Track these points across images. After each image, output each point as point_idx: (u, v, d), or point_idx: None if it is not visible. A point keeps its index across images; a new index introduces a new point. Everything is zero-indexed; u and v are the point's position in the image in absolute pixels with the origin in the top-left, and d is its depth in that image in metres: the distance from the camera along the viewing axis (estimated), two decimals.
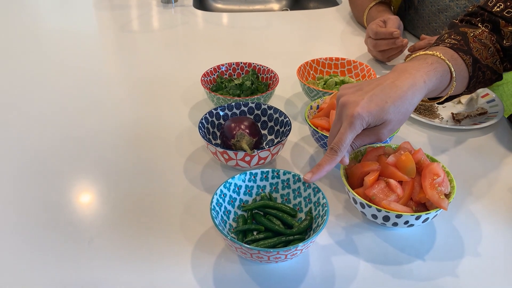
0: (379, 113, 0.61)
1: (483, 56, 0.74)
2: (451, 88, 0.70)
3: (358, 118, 0.60)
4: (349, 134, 0.61)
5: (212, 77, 0.93)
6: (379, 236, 0.65)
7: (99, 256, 0.62)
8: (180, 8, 1.48)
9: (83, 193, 0.73)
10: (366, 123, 0.61)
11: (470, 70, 0.72)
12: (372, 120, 0.61)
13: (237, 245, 0.55)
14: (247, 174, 0.66)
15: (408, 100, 0.62)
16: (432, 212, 0.59)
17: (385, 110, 0.61)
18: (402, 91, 0.62)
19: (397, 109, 0.61)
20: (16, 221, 0.67)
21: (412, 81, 0.63)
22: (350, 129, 0.61)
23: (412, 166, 0.62)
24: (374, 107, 0.60)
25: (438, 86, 0.68)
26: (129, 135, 0.86)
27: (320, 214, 0.62)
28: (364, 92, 0.62)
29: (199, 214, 0.68)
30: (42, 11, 1.50)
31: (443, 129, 0.87)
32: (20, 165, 0.78)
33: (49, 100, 0.97)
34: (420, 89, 0.63)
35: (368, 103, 0.61)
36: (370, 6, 1.23)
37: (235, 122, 0.75)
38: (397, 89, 0.62)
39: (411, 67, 0.66)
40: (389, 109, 0.61)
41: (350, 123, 0.61)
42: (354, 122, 0.60)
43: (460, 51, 0.72)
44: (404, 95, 0.62)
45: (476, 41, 0.74)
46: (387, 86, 0.62)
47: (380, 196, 0.61)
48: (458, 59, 0.71)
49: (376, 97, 0.61)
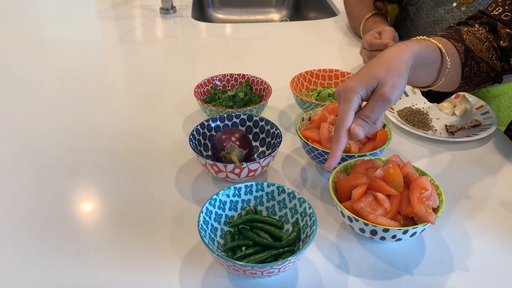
0: (368, 77, 0.62)
1: (477, 48, 0.74)
2: (447, 66, 0.70)
3: (349, 90, 0.61)
4: (344, 107, 0.61)
5: (206, 88, 0.94)
6: (368, 250, 0.65)
7: (87, 269, 0.62)
8: (179, 19, 1.49)
9: (72, 204, 0.73)
10: (360, 90, 0.61)
11: (462, 57, 0.73)
12: (364, 85, 0.61)
13: (230, 263, 0.54)
14: (231, 189, 0.66)
15: (394, 59, 0.63)
16: (420, 226, 0.59)
17: (374, 71, 0.62)
18: (387, 54, 0.64)
19: (385, 68, 0.62)
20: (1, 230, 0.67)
21: (394, 47, 0.65)
22: (344, 102, 0.61)
23: (400, 180, 0.62)
24: (362, 75, 0.62)
25: (428, 55, 0.68)
26: (123, 145, 0.86)
27: (308, 224, 0.61)
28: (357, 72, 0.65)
29: (189, 227, 0.68)
30: (45, 20, 1.52)
31: (436, 141, 0.87)
32: (12, 171, 0.78)
33: (45, 108, 0.98)
34: (403, 49, 0.64)
35: (357, 74, 0.63)
36: (367, 17, 1.23)
37: (226, 134, 0.75)
38: (381, 57, 0.64)
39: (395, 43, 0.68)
40: (377, 69, 0.62)
41: (344, 98, 0.61)
42: (347, 96, 0.61)
43: (451, 39, 0.73)
44: (389, 56, 0.63)
45: (470, 35, 0.75)
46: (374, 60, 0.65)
47: (367, 210, 0.61)
48: (447, 43, 0.72)
49: (365, 69, 0.63)
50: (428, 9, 1.13)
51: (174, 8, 1.51)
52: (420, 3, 1.16)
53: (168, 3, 1.48)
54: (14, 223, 0.69)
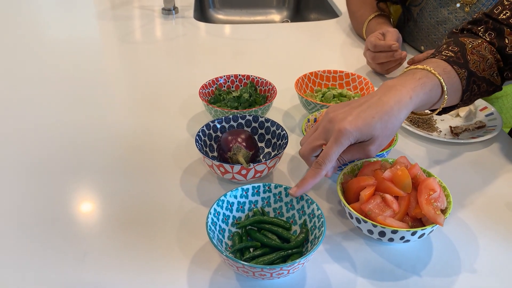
0: (366, 129, 0.62)
1: (480, 68, 0.74)
2: (443, 101, 0.71)
3: (345, 134, 0.62)
4: (335, 149, 0.62)
5: (211, 89, 0.94)
6: (375, 251, 0.65)
7: (94, 270, 0.61)
8: (181, 20, 1.49)
9: (78, 205, 0.73)
10: (354, 139, 0.63)
11: (464, 84, 0.72)
12: (359, 136, 0.63)
13: (239, 265, 0.54)
14: (238, 190, 0.66)
15: (394, 116, 0.64)
16: (428, 227, 0.59)
17: (372, 126, 0.63)
18: (389, 107, 0.64)
19: (384, 125, 0.63)
20: (6, 231, 0.67)
21: (398, 97, 0.64)
22: (337, 144, 0.62)
23: (408, 181, 0.62)
24: (361, 123, 0.62)
25: (428, 100, 0.69)
26: (126, 146, 0.86)
27: (316, 225, 0.61)
28: (351, 108, 0.64)
29: (195, 228, 0.68)
30: (44, 21, 1.52)
31: (441, 143, 0.87)
32: (17, 173, 0.78)
33: (48, 110, 0.97)
34: (406, 105, 0.65)
35: (355, 119, 0.62)
36: (370, 18, 1.23)
37: (232, 135, 0.75)
38: (384, 105, 0.64)
39: (398, 83, 0.67)
40: (376, 124, 0.63)
41: (337, 139, 0.62)
42: (341, 138, 0.62)
43: (456, 65, 0.72)
44: (390, 111, 0.63)
45: (474, 53, 0.74)
46: (374, 103, 0.64)
47: (376, 211, 0.61)
48: (451, 72, 0.71)
49: (364, 113, 0.63)
50: (431, 10, 1.14)
51: (176, 8, 1.50)
52: (423, 4, 1.16)
53: (171, 3, 1.47)
54: (19, 223, 0.68)
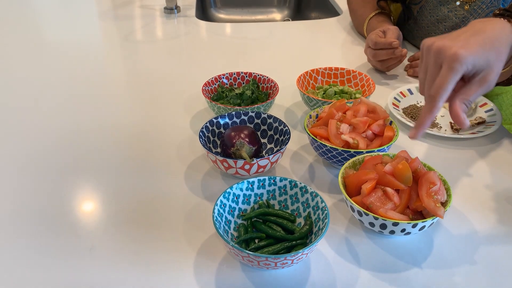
0: (482, 55, 0.56)
1: None
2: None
3: (460, 59, 0.55)
4: (451, 76, 0.55)
5: (213, 86, 0.95)
6: (377, 244, 0.66)
7: (100, 264, 0.63)
8: (183, 19, 1.50)
9: (83, 200, 0.74)
10: (471, 65, 0.56)
11: None
12: (475, 61, 0.56)
13: (244, 254, 0.56)
14: (244, 182, 0.67)
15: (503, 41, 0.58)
16: (429, 220, 0.60)
17: (488, 52, 0.57)
18: (496, 33, 0.58)
19: (497, 51, 0.57)
20: (15, 227, 0.68)
21: (501, 26, 0.59)
22: (452, 71, 0.55)
23: (409, 175, 0.63)
24: (475, 48, 0.56)
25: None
26: (131, 144, 0.87)
27: (320, 217, 0.63)
28: (455, 37, 0.58)
29: (200, 222, 0.69)
30: (47, 21, 1.53)
31: (441, 138, 0.88)
32: (21, 169, 0.79)
33: (51, 109, 0.99)
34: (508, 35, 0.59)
35: (467, 43, 0.56)
36: (370, 16, 1.24)
37: (235, 131, 0.76)
38: (489, 31, 0.58)
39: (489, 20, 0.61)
40: (490, 50, 0.57)
41: (451, 65, 0.55)
42: (456, 64, 0.55)
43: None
44: (499, 36, 0.58)
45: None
46: (478, 30, 0.58)
47: (377, 204, 0.62)
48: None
49: (473, 38, 0.57)
50: (431, 8, 1.15)
51: (178, 7, 1.52)
52: (423, 2, 1.17)
53: (173, 2, 1.49)
54: (25, 221, 0.70)
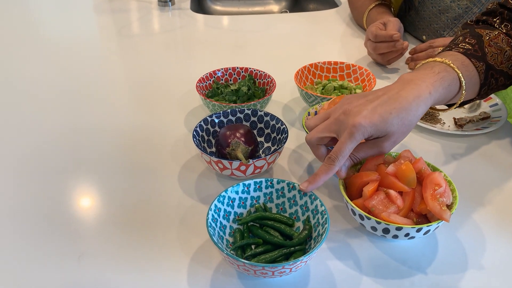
0: (382, 125, 0.59)
1: (497, 61, 0.70)
2: (461, 96, 0.68)
3: (360, 129, 0.58)
4: (349, 144, 0.59)
5: (208, 82, 0.91)
6: (379, 248, 0.63)
7: (91, 269, 0.60)
8: (177, 11, 1.46)
9: (73, 204, 0.71)
10: (368, 134, 0.59)
11: (482, 78, 0.69)
12: (374, 132, 0.59)
13: (240, 263, 0.53)
14: (240, 185, 0.64)
15: (412, 112, 0.60)
16: (434, 224, 0.57)
17: (389, 122, 0.59)
18: (407, 102, 0.60)
19: (401, 121, 0.60)
20: (10, 227, 0.65)
21: (417, 92, 0.61)
22: (350, 139, 0.59)
23: (413, 176, 0.60)
24: (377, 118, 0.59)
25: (446, 95, 0.66)
26: (123, 143, 0.84)
27: (320, 222, 0.60)
28: (367, 101, 0.61)
29: (195, 226, 0.66)
30: (42, 15, 1.49)
31: (445, 135, 0.85)
32: (14, 169, 0.76)
33: (42, 106, 0.95)
34: (425, 100, 0.62)
35: (371, 113, 0.59)
36: (370, 8, 1.21)
37: (230, 130, 0.73)
38: (402, 100, 0.60)
39: (416, 78, 0.63)
40: (393, 120, 0.59)
41: (351, 133, 0.59)
42: (355, 133, 0.58)
43: (473, 58, 0.69)
44: (409, 107, 0.60)
45: (492, 45, 0.71)
46: (392, 97, 0.60)
47: (379, 207, 0.59)
48: (469, 65, 0.68)
49: (380, 107, 0.59)
50: None
51: (173, 0, 1.48)
52: None
53: None
54: (15, 223, 0.67)
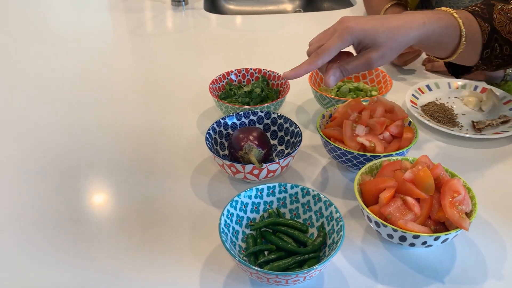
0: (372, 33, 0.62)
1: (505, 29, 0.71)
2: (461, 46, 0.68)
3: (349, 30, 0.62)
4: (337, 42, 0.62)
5: (221, 84, 0.90)
6: (395, 256, 0.62)
7: (102, 273, 0.59)
8: (191, 11, 1.46)
9: (85, 206, 0.70)
10: (357, 38, 0.62)
11: (485, 38, 0.70)
12: (362, 37, 0.62)
13: (253, 270, 0.52)
14: (253, 190, 0.63)
15: (403, 32, 0.63)
16: (452, 232, 0.56)
17: (379, 32, 0.62)
18: (400, 22, 0.64)
19: (390, 36, 0.63)
20: (17, 227, 0.65)
21: (412, 18, 0.65)
22: (339, 38, 0.62)
23: (431, 183, 0.58)
24: (368, 26, 0.62)
25: (443, 37, 0.67)
26: (135, 143, 0.84)
27: (335, 229, 0.58)
28: (364, 17, 0.65)
29: (207, 230, 0.65)
30: (54, 13, 1.49)
31: (463, 139, 0.83)
32: (25, 173, 0.76)
33: (54, 105, 0.95)
34: (417, 27, 0.64)
35: (365, 22, 0.63)
36: (386, 7, 1.18)
37: (243, 133, 0.72)
38: (396, 20, 0.64)
39: (417, 12, 0.67)
40: (383, 33, 0.63)
41: (340, 34, 0.62)
42: (344, 33, 0.62)
43: (479, 17, 0.70)
44: (401, 26, 0.63)
45: (502, 14, 0.71)
46: (388, 17, 0.65)
47: (396, 215, 0.57)
48: (473, 21, 0.69)
49: (374, 21, 0.64)
50: None
51: (186, 0, 1.47)
52: None
53: None
54: (26, 225, 0.67)
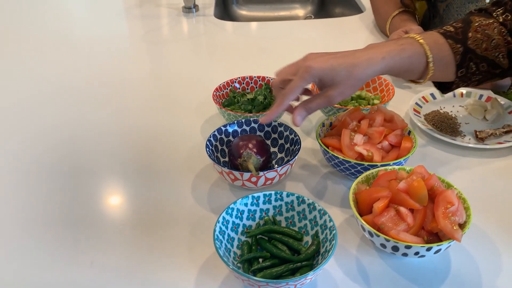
0: (331, 72, 0.65)
1: (481, 47, 0.71)
2: (430, 70, 0.69)
3: (310, 70, 0.65)
4: (299, 82, 0.66)
5: (225, 91, 0.92)
6: (389, 265, 0.62)
7: (99, 277, 0.61)
8: (201, 18, 1.47)
9: (85, 210, 0.72)
10: (317, 77, 0.66)
11: (457, 59, 0.70)
12: (322, 75, 0.65)
13: (244, 278, 0.53)
14: (249, 197, 0.64)
15: (361, 69, 0.66)
16: (445, 243, 0.56)
17: (337, 71, 0.65)
18: (358, 60, 0.66)
19: (348, 74, 0.65)
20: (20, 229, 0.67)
21: (371, 55, 0.67)
22: (300, 79, 0.66)
23: (424, 193, 0.58)
24: (327, 66, 0.65)
25: (407, 67, 0.69)
26: (140, 147, 0.86)
27: (328, 238, 0.59)
28: (326, 54, 0.68)
29: (205, 236, 0.66)
30: (71, 17, 1.53)
31: (465, 148, 0.83)
32: (29, 176, 0.79)
33: (59, 108, 0.98)
34: (376, 63, 0.66)
35: (324, 61, 0.66)
36: (394, 14, 1.18)
37: (243, 141, 0.73)
38: (354, 58, 0.67)
39: (379, 45, 0.69)
40: (341, 71, 0.65)
41: (302, 74, 0.66)
42: (305, 73, 0.65)
43: (451, 39, 0.70)
44: (359, 63, 0.66)
45: (478, 31, 0.71)
46: (347, 54, 0.68)
47: (389, 225, 0.58)
48: (443, 44, 0.70)
49: (333, 59, 0.66)
50: (458, 6, 1.08)
51: (197, 6, 1.49)
52: (450, 0, 1.10)
53: (190, 2, 1.46)
54: (27, 228, 0.69)
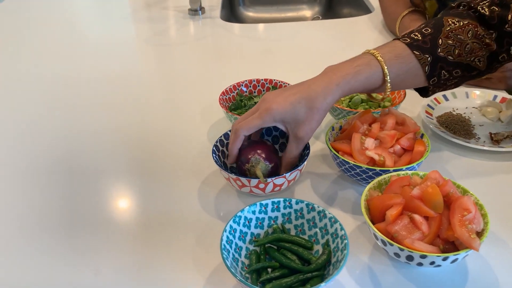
0: (291, 111, 0.67)
1: (454, 54, 0.69)
2: (386, 89, 0.69)
3: (269, 112, 0.67)
4: (256, 121, 0.67)
5: (232, 94, 0.90)
6: (403, 275, 0.60)
7: (104, 282, 0.60)
8: (208, 20, 1.46)
9: (90, 216, 0.71)
10: (279, 119, 0.67)
11: (426, 69, 0.69)
12: (284, 116, 0.67)
13: None
14: (257, 205, 0.62)
15: (319, 101, 0.67)
16: (462, 253, 0.53)
17: (297, 109, 0.67)
18: (315, 93, 0.67)
19: (309, 109, 0.67)
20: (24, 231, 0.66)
21: (326, 84, 0.68)
22: (259, 118, 0.67)
23: (440, 200, 0.56)
24: (287, 104, 0.67)
25: (364, 87, 0.69)
26: (145, 151, 0.84)
27: (339, 247, 0.57)
28: (284, 91, 0.69)
29: (212, 245, 0.65)
30: (78, 20, 1.53)
31: (480, 151, 0.80)
32: (33, 178, 0.77)
33: (70, 105, 0.97)
34: (332, 92, 0.67)
35: (283, 100, 0.67)
36: (403, 14, 1.16)
37: (251, 146, 0.71)
38: (311, 91, 0.67)
39: (333, 69, 0.70)
40: (301, 108, 0.67)
41: (261, 114, 0.67)
42: (264, 114, 0.67)
43: (418, 50, 0.69)
44: (316, 96, 0.67)
45: (450, 37, 0.69)
46: (303, 89, 0.68)
47: (403, 233, 0.56)
48: (407, 57, 0.69)
49: (291, 97, 0.67)
50: None
51: (203, 9, 1.48)
52: None
53: (196, 4, 1.45)
54: (31, 233, 0.67)
